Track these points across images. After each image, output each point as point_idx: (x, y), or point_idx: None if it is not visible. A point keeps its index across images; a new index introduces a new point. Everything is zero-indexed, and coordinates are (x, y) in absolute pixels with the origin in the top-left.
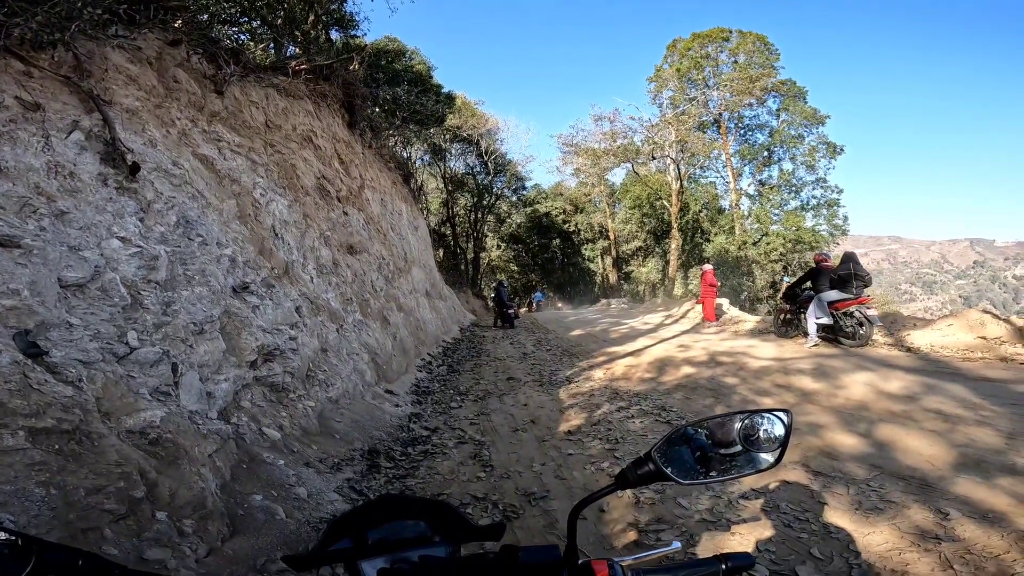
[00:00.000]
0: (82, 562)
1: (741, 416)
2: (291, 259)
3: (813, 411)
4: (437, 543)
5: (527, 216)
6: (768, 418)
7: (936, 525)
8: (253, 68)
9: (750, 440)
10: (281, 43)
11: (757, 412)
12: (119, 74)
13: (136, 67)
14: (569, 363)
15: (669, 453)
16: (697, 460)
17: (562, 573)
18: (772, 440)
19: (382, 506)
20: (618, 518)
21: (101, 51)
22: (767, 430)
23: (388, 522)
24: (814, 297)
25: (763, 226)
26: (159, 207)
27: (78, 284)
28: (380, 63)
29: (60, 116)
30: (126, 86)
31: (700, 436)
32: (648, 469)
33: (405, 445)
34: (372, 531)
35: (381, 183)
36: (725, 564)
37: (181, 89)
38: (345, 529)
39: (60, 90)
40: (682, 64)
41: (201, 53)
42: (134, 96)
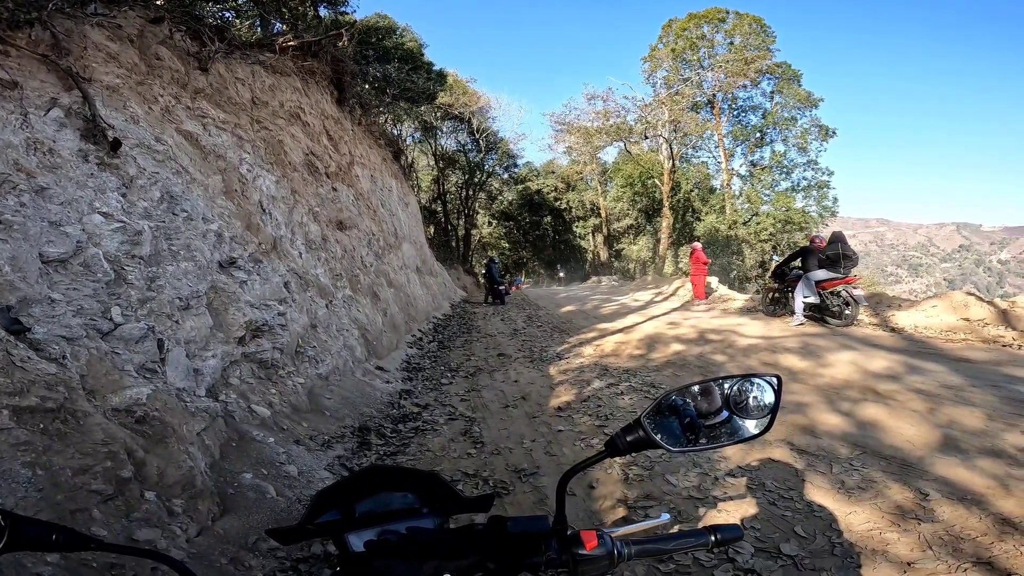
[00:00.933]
0: (56, 535)
1: (730, 380)
2: (279, 234)
3: (798, 390)
4: (425, 515)
5: (518, 193)
6: (758, 384)
7: (916, 505)
8: (239, 45)
9: (739, 407)
10: (268, 20)
11: (747, 377)
12: (99, 52)
13: (116, 45)
14: (559, 339)
15: (659, 420)
16: (686, 427)
17: (551, 542)
18: (761, 407)
19: (370, 477)
20: (607, 494)
21: (80, 29)
22: (756, 397)
23: (376, 494)
24: (802, 276)
25: (753, 206)
26: (142, 182)
27: (60, 259)
28: (370, 40)
29: (38, 94)
30: (106, 64)
31: (689, 402)
32: (638, 436)
33: (396, 422)
34: (360, 503)
35: (371, 160)
36: (714, 536)
37: (164, 66)
38: (332, 501)
39: (38, 68)
40: (677, 44)
41: (184, 31)
42: (115, 74)
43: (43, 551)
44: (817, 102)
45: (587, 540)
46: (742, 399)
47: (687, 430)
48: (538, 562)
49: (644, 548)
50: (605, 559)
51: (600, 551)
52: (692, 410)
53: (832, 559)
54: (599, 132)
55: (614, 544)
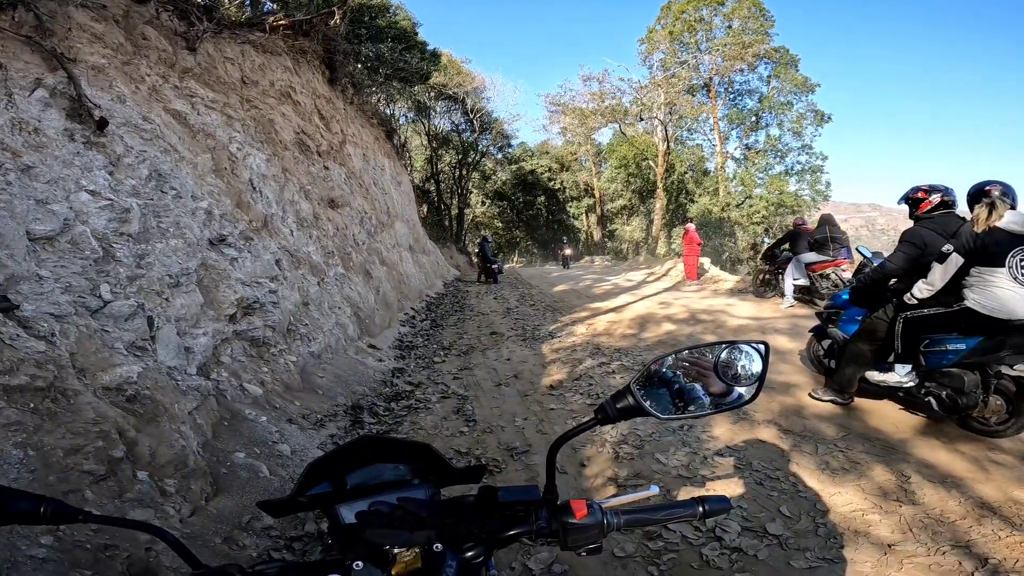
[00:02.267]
0: (44, 508)
1: (718, 347)
2: (270, 212)
3: (786, 370)
4: (417, 485)
5: (512, 173)
6: (745, 351)
7: (898, 488)
8: (228, 25)
9: (727, 374)
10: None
11: (734, 343)
12: (83, 33)
13: (102, 25)
14: (552, 318)
15: (648, 387)
16: (675, 394)
17: (541, 511)
18: (749, 375)
19: (360, 448)
20: (598, 472)
21: (64, 11)
22: (744, 365)
23: (367, 465)
24: (792, 259)
25: (747, 189)
26: (129, 161)
27: (47, 237)
28: (363, 19)
29: (23, 75)
30: (91, 44)
31: (677, 369)
32: (628, 403)
33: (388, 400)
34: (351, 474)
35: (363, 139)
36: (702, 507)
37: (151, 46)
38: (323, 473)
39: (22, 50)
40: (675, 26)
41: (171, 11)
42: (100, 54)
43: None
44: (814, 87)
45: (577, 509)
46: (730, 366)
47: (676, 397)
48: (528, 531)
49: (633, 517)
50: (594, 528)
51: (589, 520)
52: (681, 377)
53: (816, 539)
54: (594, 113)
55: (604, 514)
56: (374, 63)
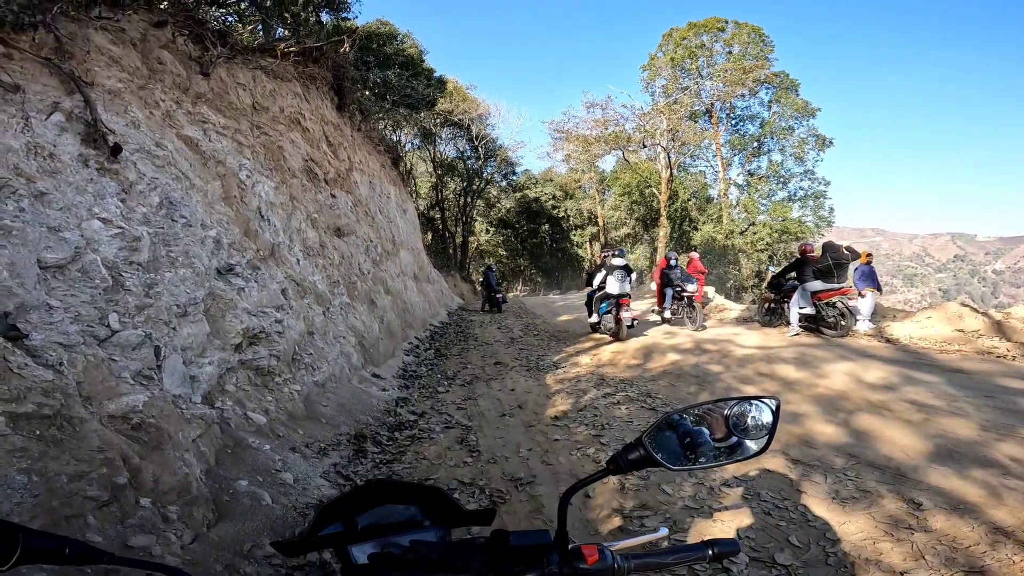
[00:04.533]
0: (68, 549)
1: (730, 403)
2: (277, 241)
3: (794, 400)
4: (428, 527)
5: (516, 201)
6: (756, 405)
7: (909, 515)
8: (240, 50)
9: (738, 427)
10: (270, 24)
11: (746, 399)
12: (101, 55)
13: (119, 48)
14: (556, 348)
15: (659, 439)
16: (686, 446)
17: (552, 556)
18: (760, 427)
19: (372, 491)
20: (603, 504)
21: (83, 33)
22: (755, 417)
23: (378, 507)
24: (797, 287)
25: (750, 216)
26: (141, 188)
27: (58, 265)
28: (371, 46)
29: (40, 98)
30: (108, 67)
31: (689, 422)
32: (639, 454)
33: (392, 430)
34: (362, 516)
35: (370, 166)
36: (712, 550)
37: (166, 71)
38: (335, 514)
39: (40, 72)
40: (677, 53)
41: (187, 35)
42: (116, 78)
43: (56, 564)
44: (814, 112)
45: (588, 554)
46: (742, 419)
47: (687, 449)
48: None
49: (644, 562)
50: (606, 573)
51: (601, 565)
52: (692, 429)
53: (826, 569)
54: (597, 140)
55: (614, 558)
56: (381, 89)
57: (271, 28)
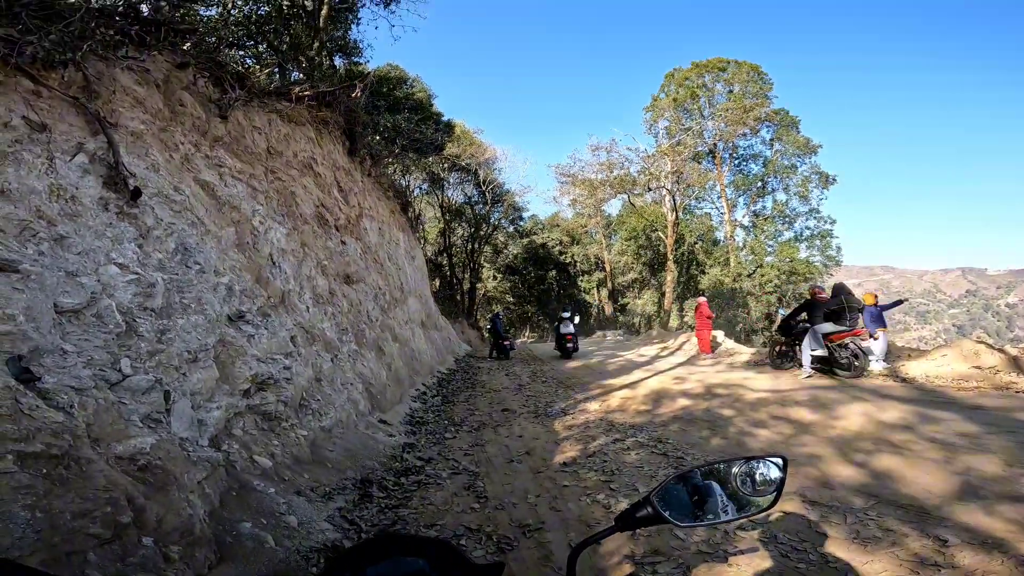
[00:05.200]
0: None
1: (738, 462)
2: (288, 288)
3: (810, 442)
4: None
5: (524, 247)
6: (765, 463)
7: (935, 552)
8: (257, 93)
9: (747, 485)
10: (285, 68)
11: (754, 458)
12: (126, 96)
13: (143, 89)
14: (565, 395)
15: (667, 496)
16: (694, 503)
17: None
18: (768, 483)
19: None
20: (614, 550)
21: (110, 72)
22: (763, 474)
23: (387, 559)
24: (809, 329)
25: (758, 257)
26: (158, 233)
27: (74, 310)
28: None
29: (66, 138)
30: (132, 108)
31: (698, 480)
32: (646, 513)
33: (398, 475)
34: (370, 568)
35: (379, 212)
36: None
37: (186, 113)
38: (344, 567)
39: (67, 111)
40: (679, 93)
41: (207, 77)
42: (139, 119)
43: None
44: (816, 148)
45: None
46: (750, 477)
47: (695, 506)
48: None
49: None
50: None
51: None
52: (701, 486)
53: None
54: (603, 184)
55: None
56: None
57: (287, 72)
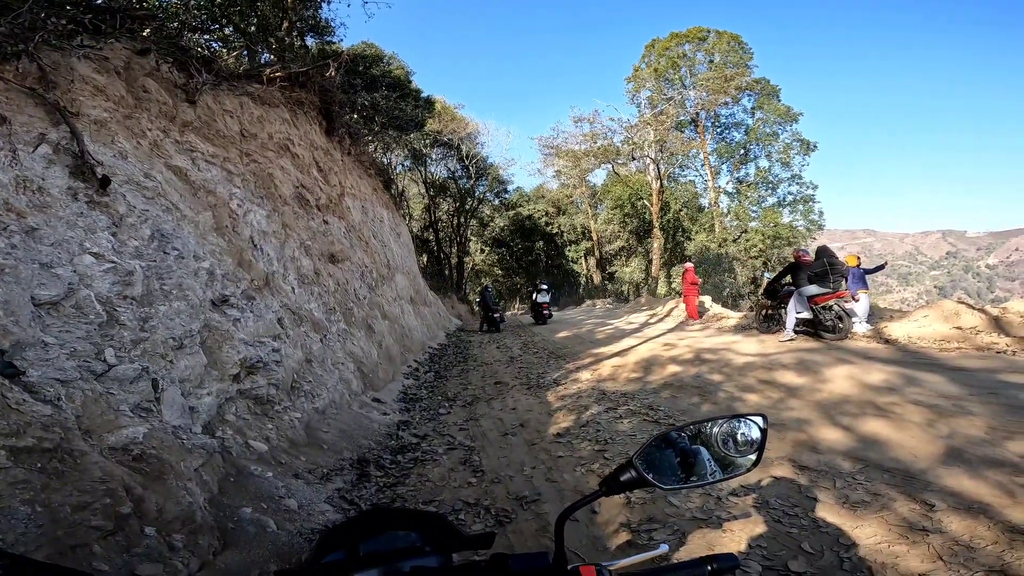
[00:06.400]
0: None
1: (719, 421)
2: (271, 270)
3: (797, 406)
4: (429, 553)
5: (510, 219)
6: (745, 422)
7: (923, 517)
8: (226, 76)
9: (728, 445)
10: (255, 50)
11: (734, 417)
12: (86, 85)
13: (103, 77)
14: (556, 365)
15: (650, 459)
16: (678, 465)
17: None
18: (749, 444)
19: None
20: (610, 519)
21: (67, 62)
22: (744, 434)
23: (380, 534)
24: (794, 292)
25: (742, 223)
26: (132, 221)
27: (52, 302)
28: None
29: (26, 129)
30: (93, 97)
31: (681, 442)
32: (630, 476)
33: (394, 453)
34: (364, 543)
35: (361, 190)
36: (710, 566)
37: (151, 99)
38: (337, 542)
39: (25, 102)
40: (660, 64)
41: (171, 62)
42: (102, 107)
43: None
44: (796, 116)
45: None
46: (731, 438)
47: (678, 468)
48: None
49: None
50: None
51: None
52: (683, 448)
53: (842, 574)
54: (587, 155)
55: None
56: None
57: (256, 54)
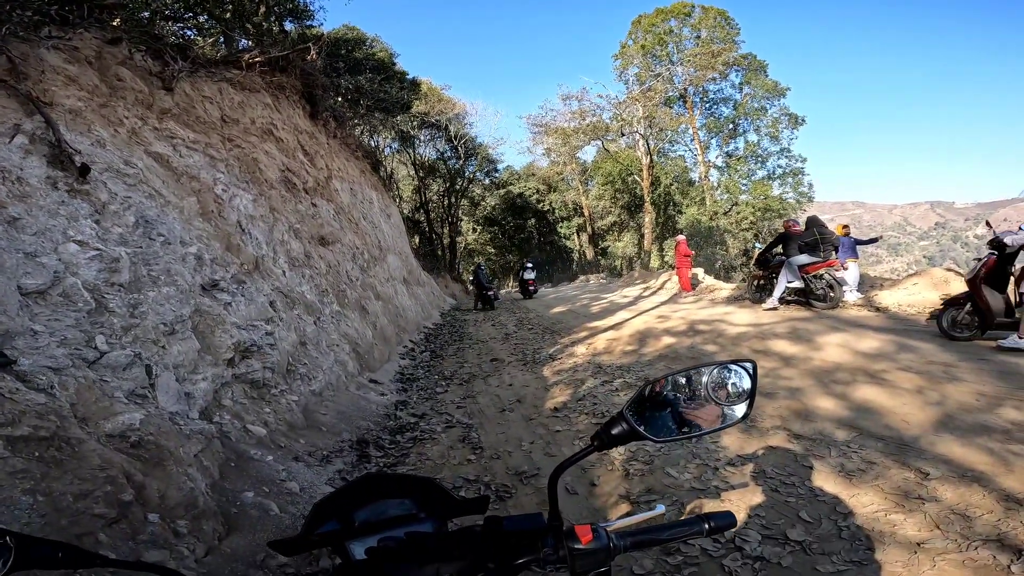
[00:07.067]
0: (62, 553)
1: (708, 368)
2: (261, 254)
3: (791, 375)
4: (423, 519)
5: (501, 198)
6: (734, 370)
7: (918, 485)
8: (203, 63)
9: (719, 394)
10: (232, 37)
11: (723, 364)
12: (57, 75)
13: (75, 67)
14: (551, 340)
15: (641, 411)
16: (669, 416)
17: (547, 539)
18: (740, 393)
19: (366, 486)
20: (609, 491)
21: (36, 53)
22: (735, 383)
23: (373, 502)
24: (785, 262)
25: (732, 196)
26: (115, 208)
27: (39, 291)
28: (340, 52)
29: (1, 120)
30: (66, 87)
31: (669, 392)
32: (622, 428)
33: (393, 433)
34: (358, 511)
35: (349, 172)
36: (708, 524)
37: (126, 87)
38: (331, 511)
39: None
40: (647, 40)
41: (145, 50)
42: (76, 96)
43: (49, 569)
44: (784, 91)
45: (582, 534)
46: (721, 386)
47: (670, 420)
48: (535, 558)
49: (639, 539)
50: (601, 552)
51: (595, 544)
52: (673, 400)
53: (840, 543)
54: (576, 132)
55: (609, 537)
56: (354, 95)
57: (233, 40)
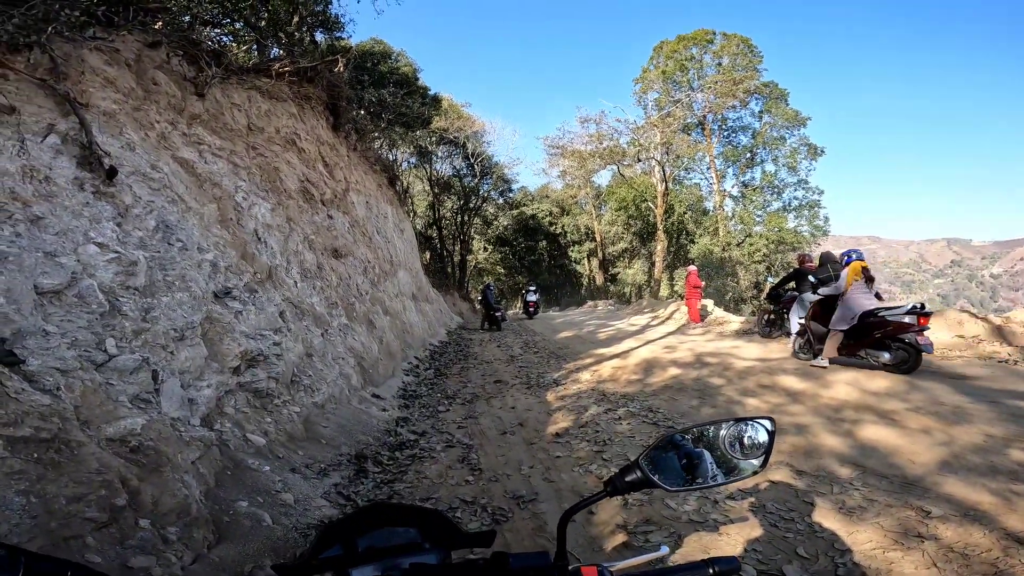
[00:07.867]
0: (71, 572)
1: (726, 424)
2: (274, 263)
3: (798, 411)
4: (428, 550)
5: (514, 218)
6: (752, 425)
7: (919, 523)
8: (235, 70)
9: (735, 447)
10: (265, 45)
11: (742, 420)
12: (96, 76)
13: (114, 69)
14: (556, 365)
15: (656, 460)
16: (683, 467)
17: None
18: (757, 446)
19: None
20: (607, 520)
21: (78, 53)
22: (751, 437)
23: (378, 529)
24: (797, 298)
25: (746, 227)
26: (137, 212)
27: (55, 291)
28: (366, 65)
29: (36, 119)
30: (103, 88)
31: (686, 443)
32: (636, 476)
33: (393, 449)
34: (362, 538)
35: (366, 185)
36: (712, 568)
37: (160, 91)
38: (335, 537)
39: (35, 93)
40: (667, 66)
41: (181, 55)
42: (111, 99)
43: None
44: (804, 121)
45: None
46: (738, 440)
47: (684, 470)
48: None
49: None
50: None
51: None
52: (689, 451)
53: None
54: (592, 156)
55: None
56: (376, 108)
57: (266, 48)
